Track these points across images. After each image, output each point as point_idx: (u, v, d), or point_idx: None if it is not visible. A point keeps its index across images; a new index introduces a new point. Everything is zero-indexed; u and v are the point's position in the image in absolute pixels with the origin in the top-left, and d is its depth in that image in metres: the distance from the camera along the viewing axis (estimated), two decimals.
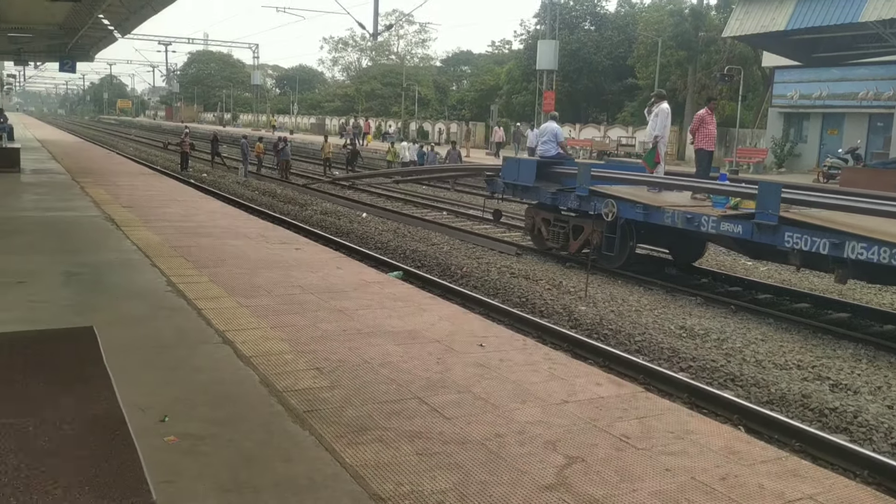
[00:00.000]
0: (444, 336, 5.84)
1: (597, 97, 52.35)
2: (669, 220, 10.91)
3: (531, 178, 13.83)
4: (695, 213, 10.55)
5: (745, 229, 9.86)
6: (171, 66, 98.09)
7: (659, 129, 13.17)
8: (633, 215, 11.54)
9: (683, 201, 11.75)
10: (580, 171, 12.78)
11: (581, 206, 12.63)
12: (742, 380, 7.76)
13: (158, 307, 6.30)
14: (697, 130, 13.10)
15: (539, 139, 15.18)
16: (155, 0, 21.42)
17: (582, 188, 12.51)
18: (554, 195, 13.33)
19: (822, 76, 32.40)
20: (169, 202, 14.04)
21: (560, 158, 14.57)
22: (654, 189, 12.55)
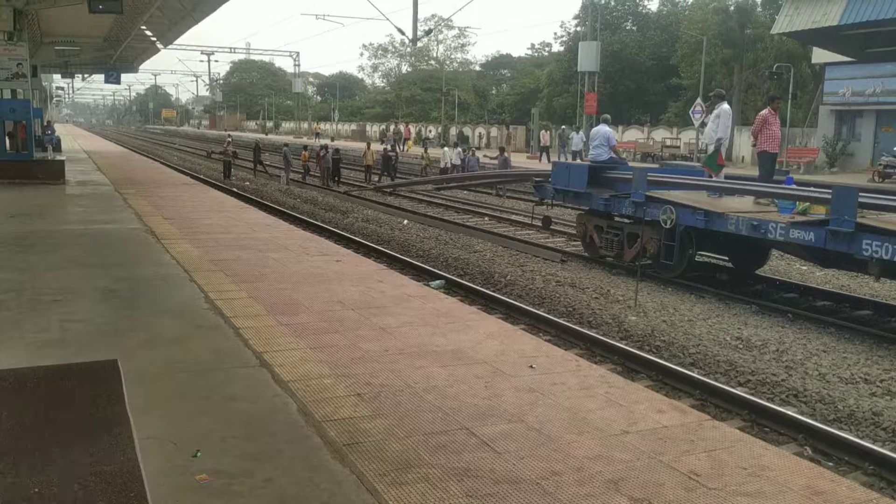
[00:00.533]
0: (492, 356, 5.52)
1: (640, 98, 51.55)
2: (733, 227, 10.37)
3: (583, 184, 13.36)
4: (761, 219, 10.03)
5: (817, 237, 9.30)
6: (214, 76, 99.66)
7: (721, 131, 12.55)
8: (693, 222, 11.02)
9: (746, 207, 11.18)
10: (635, 176, 12.29)
11: (636, 212, 12.11)
12: (806, 395, 7.31)
13: (195, 326, 6.10)
14: (760, 132, 12.39)
15: (591, 143, 14.72)
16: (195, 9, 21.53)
17: (637, 193, 11.99)
18: (607, 201, 12.86)
19: (875, 72, 31.31)
20: (210, 213, 13.95)
21: (613, 163, 14.09)
22: (714, 194, 12.01)
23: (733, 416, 6.84)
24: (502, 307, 10.25)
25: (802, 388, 7.45)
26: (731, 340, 9.08)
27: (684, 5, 54.60)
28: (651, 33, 51.31)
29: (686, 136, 41.08)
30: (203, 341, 5.68)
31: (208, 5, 22.21)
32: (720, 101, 12.86)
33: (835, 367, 8.17)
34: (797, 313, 10.35)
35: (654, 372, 7.90)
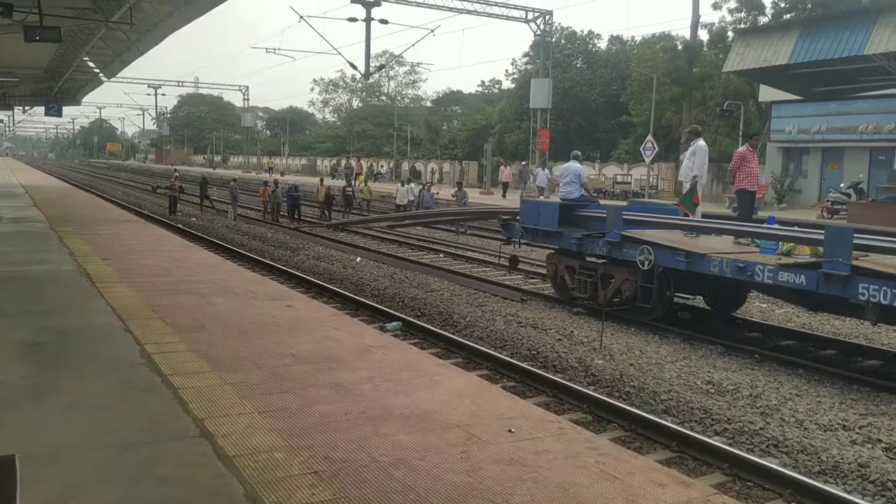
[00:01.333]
0: (465, 418, 4.93)
1: (590, 135, 52.02)
2: (717, 269, 9.84)
3: (554, 223, 12.81)
4: (747, 261, 9.52)
5: (809, 280, 8.80)
6: (161, 109, 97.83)
7: (697, 168, 12.14)
8: (673, 263, 10.48)
9: (726, 247, 10.71)
10: (609, 215, 11.71)
11: (611, 252, 11.58)
12: (787, 445, 6.93)
13: (128, 386, 5.37)
14: (738, 169, 12.11)
15: (560, 179, 13.99)
16: (140, 41, 20.81)
17: (612, 233, 11.48)
18: (580, 241, 12.29)
19: (820, 110, 31.97)
20: (152, 253, 13.12)
21: (584, 200, 13.52)
22: (690, 233, 11.55)
23: (713, 470, 6.43)
24: (463, 351, 9.79)
25: (782, 438, 7.08)
26: (703, 385, 8.72)
27: (632, 45, 55.54)
28: (601, 71, 51.92)
29: (637, 172, 41.40)
30: (135, 405, 4.96)
31: (153, 36, 21.51)
32: (695, 137, 12.50)
33: (811, 412, 7.85)
34: (764, 354, 10.06)
35: (627, 421, 7.48)
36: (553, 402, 7.98)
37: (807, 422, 7.54)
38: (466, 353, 9.72)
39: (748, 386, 8.57)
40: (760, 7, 37.69)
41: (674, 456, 6.74)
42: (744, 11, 38.23)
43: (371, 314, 11.76)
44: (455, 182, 30.49)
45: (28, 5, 15.35)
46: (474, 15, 36.47)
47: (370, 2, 32.79)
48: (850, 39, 20.79)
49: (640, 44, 53.48)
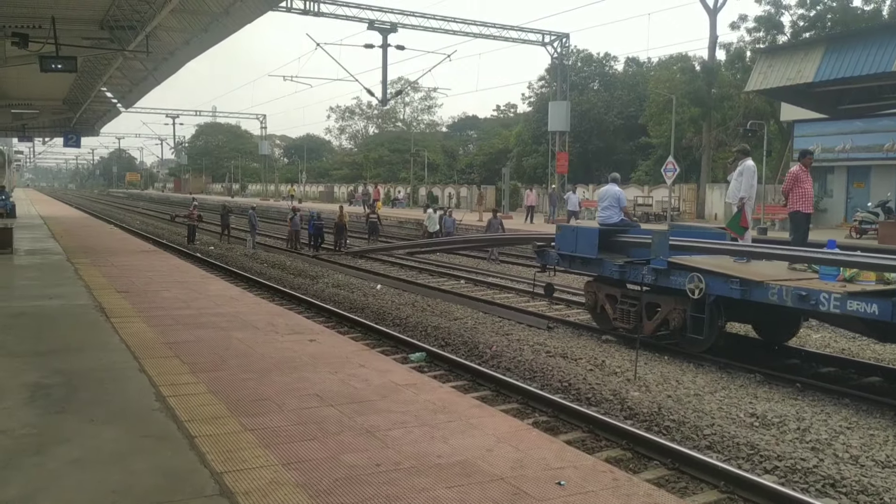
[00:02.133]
0: (509, 468, 4.48)
1: (609, 157, 51.60)
2: (776, 297, 9.16)
3: (593, 249, 12.11)
4: (810, 289, 8.85)
5: (882, 309, 8.06)
6: (179, 139, 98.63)
7: (745, 190, 11.50)
8: (725, 292, 9.79)
9: (779, 273, 10.08)
10: (655, 241, 10.99)
11: (657, 280, 10.87)
12: (844, 485, 6.43)
13: (140, 435, 4.97)
14: (791, 190, 11.44)
15: (599, 204, 13.29)
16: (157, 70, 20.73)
17: (658, 260, 10.78)
18: (622, 268, 11.59)
19: (844, 129, 31.46)
20: (170, 284, 12.80)
21: (624, 225, 12.82)
22: (740, 259, 10.94)
23: None
24: (491, 383, 9.38)
25: (839, 476, 6.59)
26: (746, 417, 8.24)
27: (649, 66, 55.27)
28: (618, 93, 51.60)
29: (658, 194, 40.90)
30: (149, 458, 4.55)
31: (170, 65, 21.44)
32: (744, 157, 11.86)
33: (866, 447, 7.36)
34: (806, 383, 9.56)
35: (670, 459, 6.99)
36: (589, 437, 7.55)
37: (862, 458, 7.08)
38: (495, 385, 9.33)
39: (794, 418, 8.09)
40: (779, 26, 37.33)
41: (723, 497, 6.28)
42: (762, 31, 37.85)
43: (394, 344, 11.41)
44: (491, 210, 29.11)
45: (44, 36, 15.27)
46: (491, 39, 36.35)
47: (386, 28, 32.75)
48: (877, 56, 20.32)
49: (656, 65, 53.23)
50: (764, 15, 37.49)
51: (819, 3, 35.86)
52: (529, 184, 50.17)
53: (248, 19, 15.59)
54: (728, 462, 6.90)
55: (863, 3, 34.85)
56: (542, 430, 7.26)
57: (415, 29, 34.45)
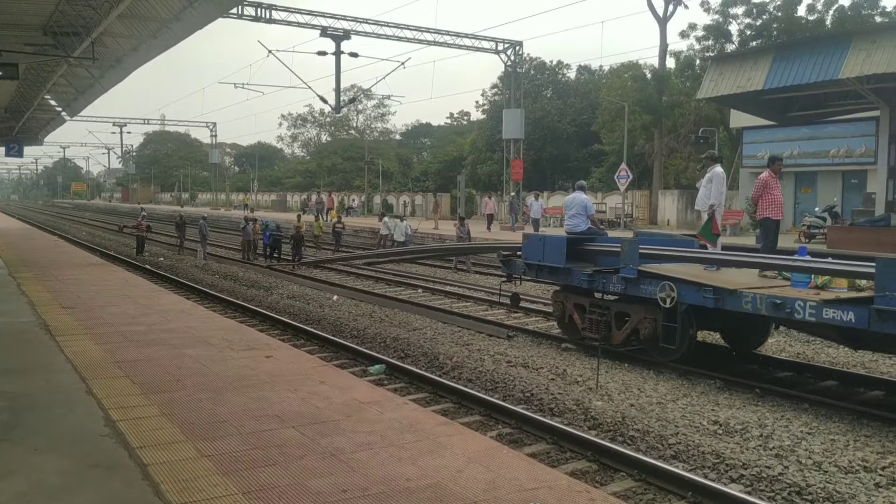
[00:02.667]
0: (481, 491, 4.30)
1: (562, 164, 51.99)
2: (750, 306, 8.99)
3: (561, 258, 11.85)
4: (785, 297, 8.69)
5: (859, 317, 7.95)
6: (127, 147, 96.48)
7: (714, 197, 11.37)
8: (699, 301, 9.59)
9: (750, 280, 9.97)
10: (625, 249, 10.81)
11: (627, 289, 10.69)
12: (810, 493, 6.43)
13: (89, 465, 4.65)
14: (761, 197, 11.37)
15: (566, 212, 13.06)
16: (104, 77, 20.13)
17: (628, 269, 10.61)
18: (591, 277, 11.34)
19: (791, 135, 32.12)
20: (119, 299, 12.34)
21: (592, 233, 12.64)
22: (710, 266, 10.79)
23: None
24: (453, 395, 9.22)
25: (804, 483, 6.58)
26: (709, 425, 8.22)
27: (601, 74, 55.87)
28: (571, 100, 51.98)
29: (611, 200, 41.28)
30: (98, 491, 4.25)
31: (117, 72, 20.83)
32: (713, 163, 11.64)
33: (828, 453, 7.39)
34: (765, 388, 9.59)
35: (636, 470, 6.90)
36: (554, 449, 7.44)
37: (825, 463, 7.09)
38: (457, 397, 9.17)
39: (757, 425, 8.10)
40: (727, 35, 38.04)
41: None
42: (711, 39, 38.54)
43: (352, 356, 11.18)
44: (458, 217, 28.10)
45: None
46: (445, 46, 36.28)
47: (339, 35, 32.45)
48: (825, 64, 20.74)
49: (608, 73, 53.82)
50: (712, 24, 38.19)
51: (765, 12, 36.65)
52: (485, 191, 50.28)
53: (199, 25, 15.19)
54: (694, 472, 6.85)
55: (807, 12, 35.71)
56: (506, 442, 7.13)
57: (368, 36, 34.21)
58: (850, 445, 7.53)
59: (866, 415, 8.55)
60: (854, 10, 34.16)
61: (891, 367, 10.78)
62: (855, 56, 20.28)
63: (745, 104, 26.45)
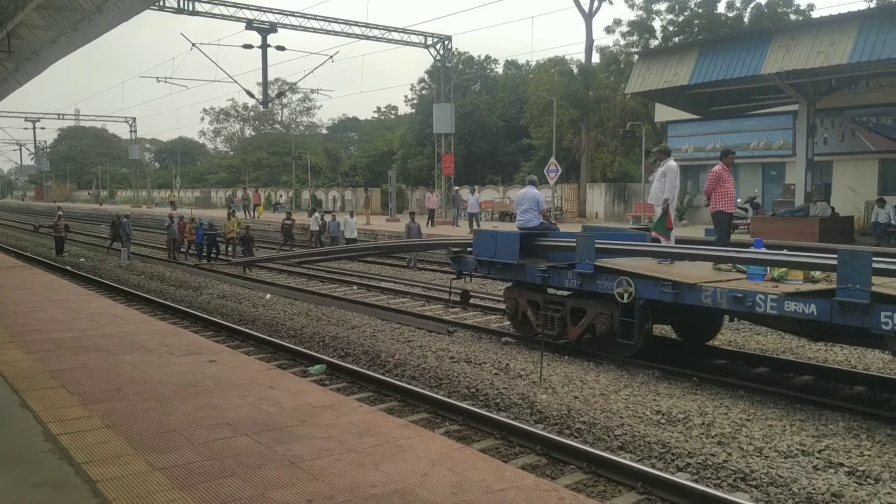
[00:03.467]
0: (450, 494, 4.23)
1: (492, 158, 52.27)
2: (710, 300, 8.89)
3: (514, 254, 11.61)
4: (746, 290, 8.61)
5: (821, 309, 7.90)
6: (41, 144, 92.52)
7: (668, 191, 11.25)
8: (657, 296, 9.48)
9: (704, 274, 9.81)
10: (580, 244, 10.58)
11: (583, 285, 10.51)
12: (754, 478, 6.60)
13: (31, 483, 4.38)
14: (714, 190, 11.30)
15: (518, 207, 12.80)
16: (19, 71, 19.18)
17: (584, 264, 10.43)
18: (545, 273, 11.14)
19: (713, 129, 33.04)
20: (44, 303, 11.77)
21: (543, 228, 12.42)
22: (664, 260, 10.68)
23: None
24: (397, 393, 9.15)
25: (748, 470, 6.75)
26: (653, 415, 8.36)
27: (527, 69, 56.35)
28: (499, 95, 52.26)
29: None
30: None
31: (34, 66, 19.87)
32: (666, 157, 11.64)
33: (767, 438, 7.61)
34: (701, 376, 9.81)
35: (585, 462, 6.95)
36: (503, 444, 7.44)
37: (766, 449, 7.29)
38: (402, 395, 9.11)
39: (698, 413, 8.28)
40: (651, 30, 38.82)
41: (641, 499, 6.28)
42: (636, 35, 39.27)
43: (291, 357, 10.99)
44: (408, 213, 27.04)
45: None
46: (374, 40, 35.97)
47: (266, 28, 31.78)
48: (747, 60, 21.36)
49: (535, 68, 54.33)
50: (636, 20, 38.92)
51: (686, 9, 37.56)
52: (416, 185, 50.16)
53: (123, 18, 14.59)
54: (642, 462, 6.94)
55: (726, 9, 36.76)
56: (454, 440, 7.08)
57: (295, 29, 33.62)
58: (788, 430, 7.75)
59: (799, 399, 8.81)
60: (770, 7, 35.31)
61: (817, 353, 11.16)
62: (775, 53, 20.96)
63: (671, 98, 27.06)
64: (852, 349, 11.20)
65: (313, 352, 11.17)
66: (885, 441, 7.28)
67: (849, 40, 19.26)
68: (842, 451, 7.10)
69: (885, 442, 7.26)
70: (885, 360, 10.61)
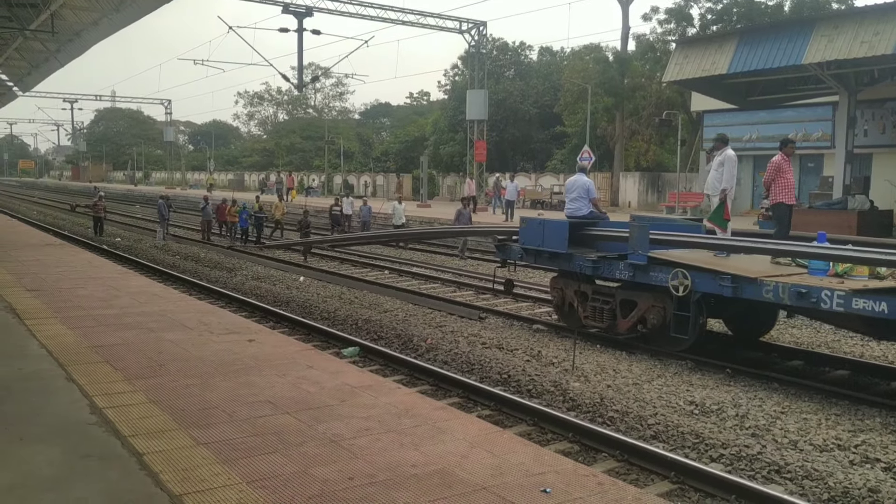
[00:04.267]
0: (489, 476, 4.25)
1: (525, 146, 52.01)
2: (772, 295, 8.55)
3: (563, 244, 11.27)
4: (810, 286, 8.25)
5: (892, 307, 7.56)
6: (78, 124, 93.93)
7: (727, 181, 10.84)
8: (715, 289, 9.14)
9: (762, 267, 9.42)
10: (634, 234, 10.18)
11: (635, 276, 10.14)
12: (789, 471, 6.51)
13: (80, 455, 4.48)
14: (774, 181, 10.99)
15: (567, 195, 12.36)
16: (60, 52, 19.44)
17: (637, 255, 10.05)
18: (595, 263, 10.79)
19: (750, 119, 32.57)
20: (84, 281, 11.98)
21: (593, 217, 12.06)
22: (720, 253, 10.19)
23: (719, 502, 5.93)
24: (430, 377, 9.15)
25: (782, 462, 6.66)
26: (686, 405, 8.29)
27: (562, 56, 55.95)
28: (533, 82, 51.96)
29: None
30: (95, 482, 4.09)
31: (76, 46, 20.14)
32: (723, 145, 11.10)
33: (802, 431, 7.51)
34: (735, 368, 9.69)
35: (618, 451, 6.93)
36: (535, 431, 7.43)
37: (801, 442, 7.20)
38: (434, 379, 9.11)
39: (731, 405, 8.19)
40: (689, 18, 38.34)
41: (674, 488, 6.25)
42: (673, 22, 38.80)
43: (324, 339, 11.02)
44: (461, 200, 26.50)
45: None
46: (409, 25, 35.95)
47: (302, 12, 31.88)
48: (788, 49, 21.01)
49: (569, 55, 53.91)
50: (674, 7, 38.43)
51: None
52: (447, 172, 50.11)
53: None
54: (675, 451, 6.89)
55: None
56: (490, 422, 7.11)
57: (331, 13, 33.73)
58: (823, 424, 7.65)
59: (835, 394, 8.67)
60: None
61: (853, 347, 10.99)
62: (817, 42, 20.58)
63: (709, 88, 26.71)
64: (890, 344, 11.04)
65: (347, 334, 11.24)
66: None
67: (894, 30, 18.85)
68: (878, 446, 6.99)
69: None
70: None
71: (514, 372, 9.32)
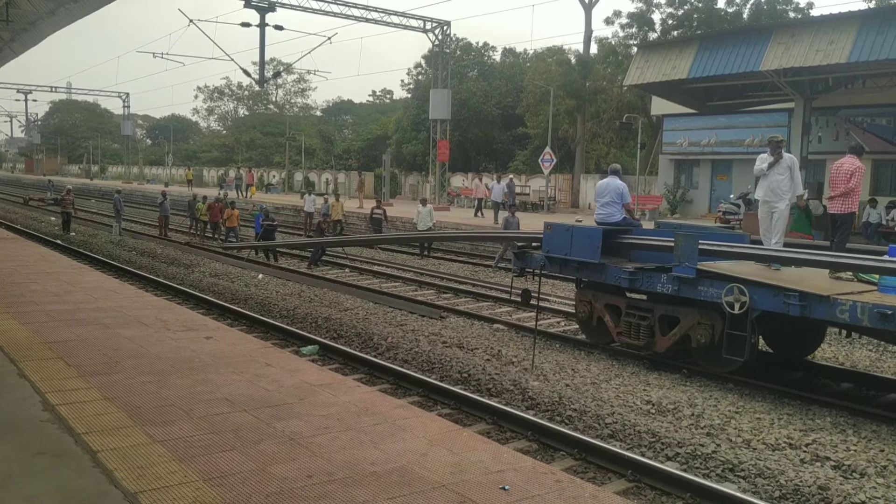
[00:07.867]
0: (448, 475, 4.27)
1: (487, 146, 52.16)
2: (848, 315, 7.62)
3: (595, 253, 10.23)
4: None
5: None
6: (32, 116, 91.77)
7: (801, 186, 10.12)
8: (778, 307, 8.23)
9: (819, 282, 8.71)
10: (681, 244, 9.15)
11: (680, 290, 9.20)
12: (742, 469, 6.70)
13: (32, 452, 4.39)
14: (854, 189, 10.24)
15: (598, 199, 11.28)
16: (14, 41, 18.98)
17: (684, 267, 9.07)
18: (632, 275, 9.79)
19: (709, 124, 33.10)
20: (37, 275, 11.73)
21: (626, 224, 11.08)
22: (774, 265, 9.34)
23: (674, 500, 6.04)
24: (390, 376, 9.22)
25: (736, 461, 6.85)
26: (643, 405, 8.45)
27: (525, 57, 56.22)
28: (496, 83, 52.16)
29: (535, 183, 41.73)
30: (48, 479, 4.01)
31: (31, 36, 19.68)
32: (780, 147, 10.02)
33: (756, 431, 7.71)
34: (690, 368, 9.83)
35: (576, 449, 7.03)
36: (494, 429, 7.50)
37: (754, 441, 7.39)
38: (394, 377, 9.17)
39: (688, 404, 8.36)
40: (650, 23, 38.81)
41: (631, 486, 6.35)
42: (635, 27, 39.25)
43: (283, 337, 11.00)
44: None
45: None
46: (373, 23, 35.80)
47: (264, 7, 31.57)
48: (747, 55, 21.41)
49: (532, 56, 54.21)
50: (636, 12, 38.88)
51: (686, 3, 37.55)
52: (409, 171, 49.95)
53: None
54: (632, 450, 7.02)
55: (726, 5, 36.81)
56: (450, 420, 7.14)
57: (294, 9, 33.42)
58: (776, 424, 7.84)
59: (787, 394, 8.88)
60: (770, 4, 35.35)
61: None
62: (774, 49, 21.00)
63: (669, 92, 27.07)
64: (840, 346, 11.32)
65: (306, 332, 11.19)
66: (871, 437, 7.37)
67: (848, 40, 19.31)
68: (828, 445, 7.19)
69: (871, 438, 7.35)
70: (872, 359, 10.73)
71: (474, 371, 9.40)
